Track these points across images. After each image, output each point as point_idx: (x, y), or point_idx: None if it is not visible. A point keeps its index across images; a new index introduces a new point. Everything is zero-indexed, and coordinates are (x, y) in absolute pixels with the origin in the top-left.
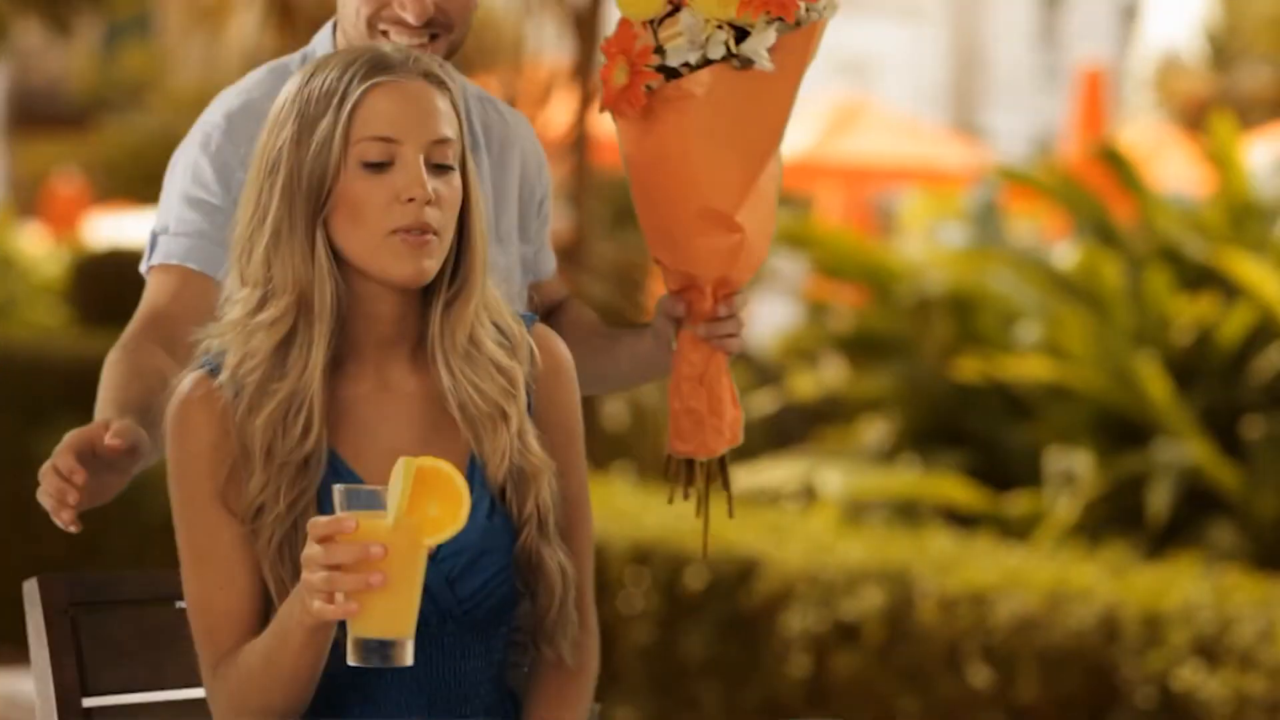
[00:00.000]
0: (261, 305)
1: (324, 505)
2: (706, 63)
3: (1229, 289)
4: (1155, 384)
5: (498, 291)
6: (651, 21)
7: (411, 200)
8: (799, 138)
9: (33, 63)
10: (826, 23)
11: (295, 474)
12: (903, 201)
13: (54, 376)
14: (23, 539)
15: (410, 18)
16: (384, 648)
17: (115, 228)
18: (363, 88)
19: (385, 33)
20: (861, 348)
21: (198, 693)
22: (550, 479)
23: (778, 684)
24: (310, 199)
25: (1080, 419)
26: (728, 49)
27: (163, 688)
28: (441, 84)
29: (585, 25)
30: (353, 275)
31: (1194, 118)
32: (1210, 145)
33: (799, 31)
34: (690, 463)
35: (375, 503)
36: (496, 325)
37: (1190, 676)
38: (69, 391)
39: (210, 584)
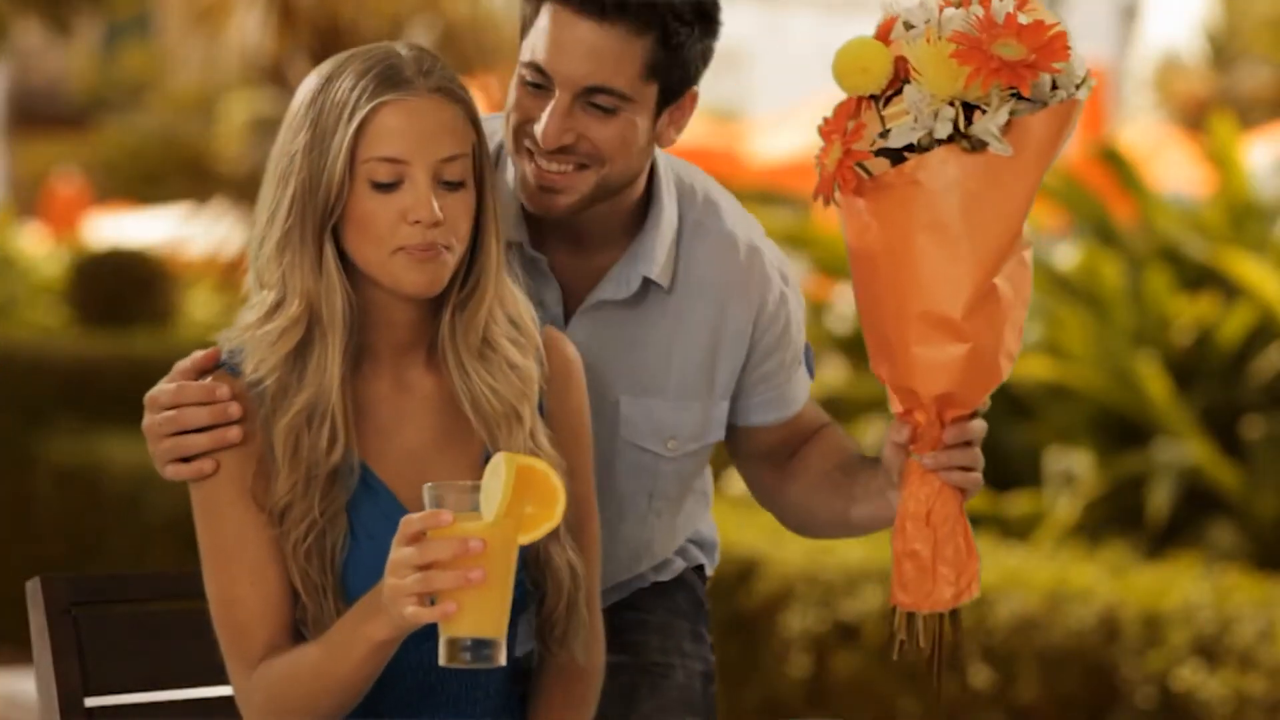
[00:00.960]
0: (275, 310)
1: (354, 511)
2: (934, 144)
3: (1229, 289)
4: (1155, 384)
5: (517, 292)
6: (875, 98)
7: (418, 222)
8: (798, 137)
9: (33, 63)
10: (1080, 103)
11: (326, 484)
12: None
13: (54, 376)
14: (23, 539)
15: (541, 140)
16: (480, 647)
17: (115, 228)
18: (371, 104)
19: (530, 152)
20: (861, 348)
21: (199, 692)
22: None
23: (778, 684)
24: (320, 210)
25: (1080, 419)
26: (955, 128)
27: (165, 687)
28: (455, 97)
29: None
30: (365, 283)
31: (1194, 118)
32: (1210, 145)
33: (1044, 111)
34: (913, 615)
35: (465, 501)
36: (511, 319)
37: (1190, 676)
38: (69, 391)
39: (240, 581)
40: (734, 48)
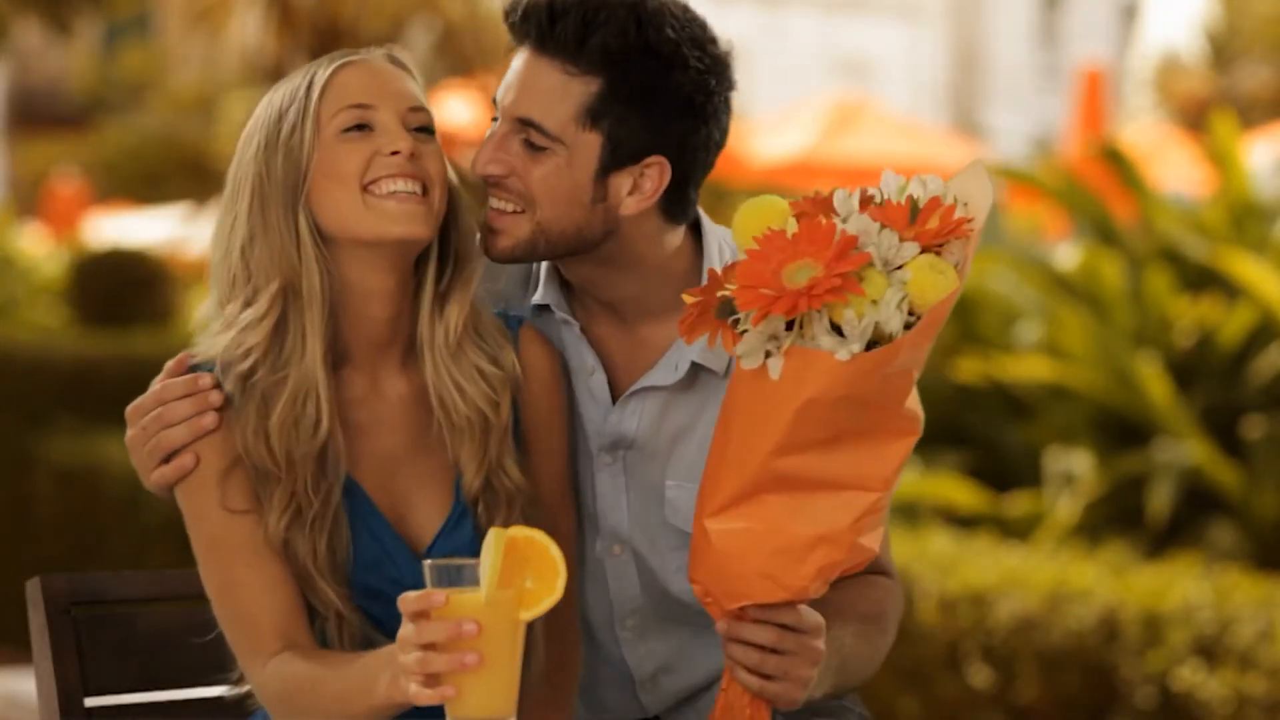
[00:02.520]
0: (247, 308)
1: (348, 501)
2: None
3: (1229, 289)
4: (1155, 384)
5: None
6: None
7: (395, 153)
8: (799, 137)
9: (33, 63)
10: (840, 361)
11: (315, 474)
12: None
13: (54, 376)
14: (23, 539)
15: (474, 164)
16: None
17: (115, 228)
18: (330, 69)
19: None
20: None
21: (198, 692)
22: (525, 504)
23: None
24: (287, 183)
25: (1080, 419)
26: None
27: (164, 687)
28: (407, 69)
29: None
30: (343, 266)
31: (1194, 118)
32: (1210, 145)
33: (795, 349)
34: None
35: (467, 577)
36: (484, 325)
37: (1190, 676)
38: (69, 391)
39: (236, 565)
40: (734, 48)
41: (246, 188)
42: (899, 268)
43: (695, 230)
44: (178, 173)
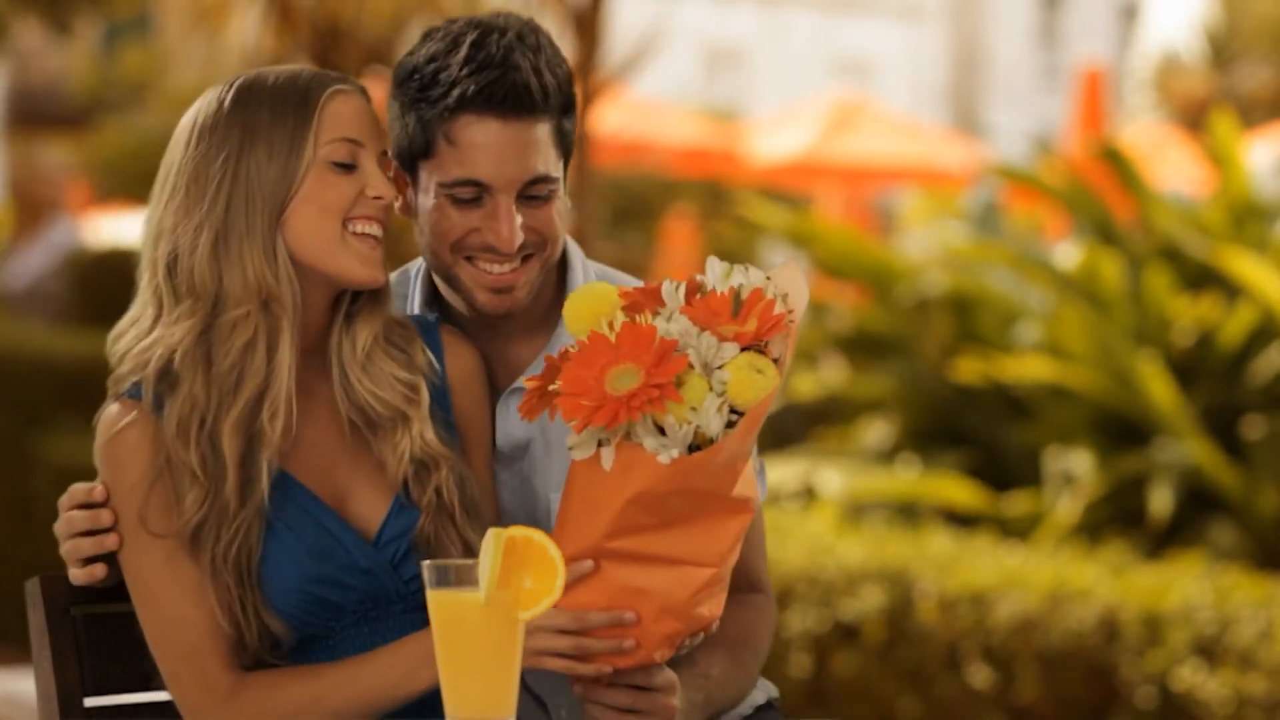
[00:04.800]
0: (214, 316)
1: (271, 508)
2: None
3: (1229, 289)
4: (1156, 384)
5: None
6: None
7: (378, 198)
8: (799, 137)
9: (33, 63)
10: (662, 463)
11: (244, 489)
12: (903, 201)
13: (54, 376)
14: (23, 539)
15: (502, 246)
16: None
17: (115, 228)
18: (327, 91)
19: (472, 259)
20: (861, 348)
21: None
22: (453, 466)
23: (778, 684)
24: (272, 201)
25: (1080, 419)
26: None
27: (164, 687)
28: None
29: (585, 25)
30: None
31: (1194, 118)
32: (1210, 145)
33: (617, 447)
34: None
35: (466, 578)
36: (397, 330)
37: (1190, 676)
38: (69, 392)
39: (183, 602)
40: (734, 48)
41: (224, 188)
42: (719, 368)
43: None
44: None
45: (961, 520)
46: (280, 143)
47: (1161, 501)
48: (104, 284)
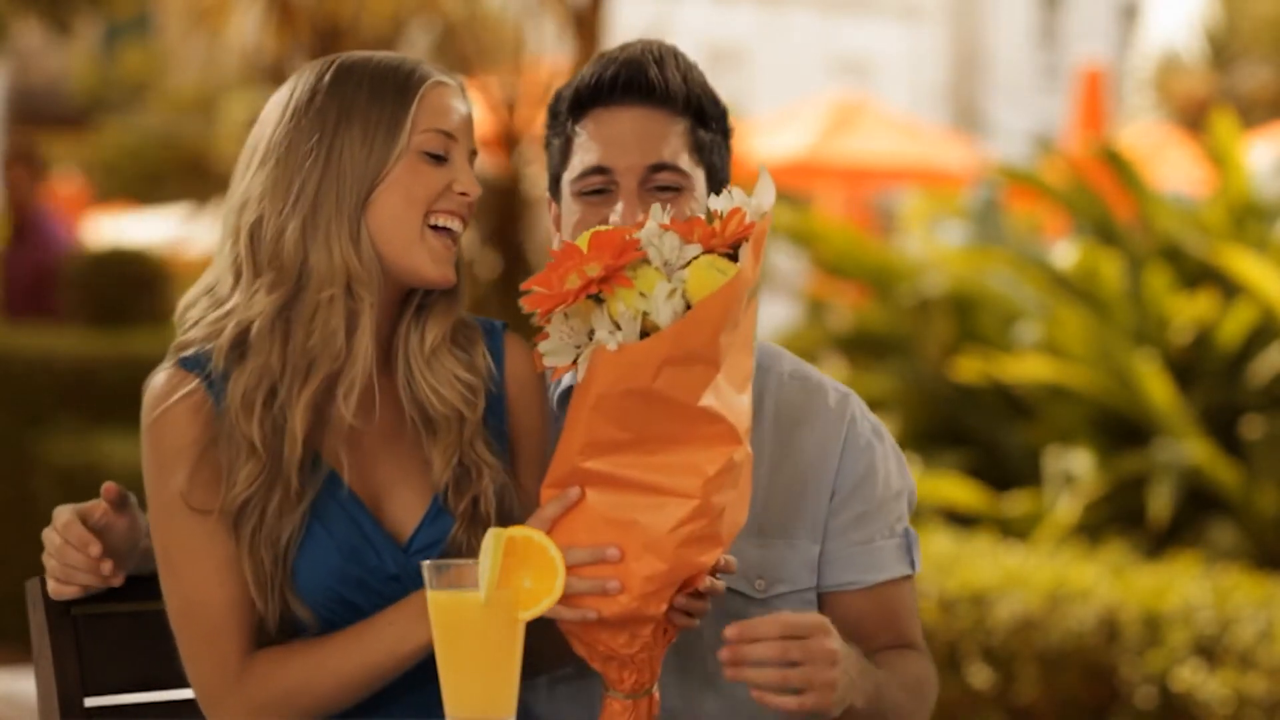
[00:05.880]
0: (296, 292)
1: (327, 488)
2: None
3: (1229, 288)
4: (1155, 384)
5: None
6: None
7: (464, 194)
8: (799, 137)
9: (33, 63)
10: (611, 353)
11: (303, 459)
12: (903, 201)
13: (54, 376)
14: (23, 539)
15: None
16: None
17: (115, 228)
18: (429, 81)
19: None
20: (861, 347)
21: None
22: (496, 478)
23: None
24: (361, 183)
25: (1080, 419)
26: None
27: (164, 687)
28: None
29: (585, 25)
30: None
31: (1194, 118)
32: (1210, 145)
33: (594, 350)
34: None
35: (466, 578)
36: (454, 342)
37: (1190, 676)
38: (69, 391)
39: (208, 583)
40: (734, 48)
41: (317, 168)
42: (682, 267)
43: None
44: (177, 173)
45: (961, 520)
46: (376, 125)
47: (1161, 501)
48: (104, 284)
